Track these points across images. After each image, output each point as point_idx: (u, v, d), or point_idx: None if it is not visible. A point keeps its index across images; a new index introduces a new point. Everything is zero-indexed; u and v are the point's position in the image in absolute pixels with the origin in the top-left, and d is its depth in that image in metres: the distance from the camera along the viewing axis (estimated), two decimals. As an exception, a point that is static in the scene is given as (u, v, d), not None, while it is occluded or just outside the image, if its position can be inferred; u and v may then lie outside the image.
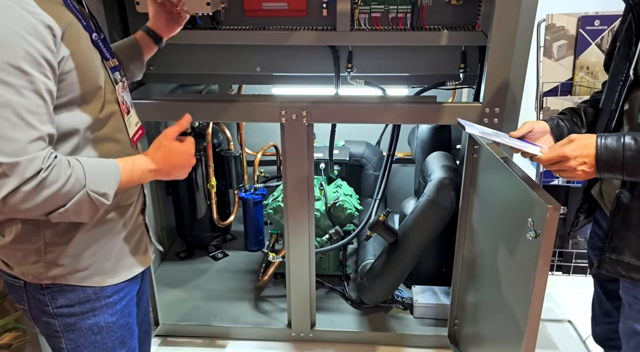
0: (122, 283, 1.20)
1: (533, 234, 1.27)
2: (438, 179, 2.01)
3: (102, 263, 1.15)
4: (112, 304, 1.18)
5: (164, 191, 2.75)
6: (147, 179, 1.11)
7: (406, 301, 2.31)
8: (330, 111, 1.87)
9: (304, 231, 2.04)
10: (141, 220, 1.28)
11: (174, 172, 1.13)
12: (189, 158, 1.15)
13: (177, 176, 1.15)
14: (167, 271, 2.67)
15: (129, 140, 1.17)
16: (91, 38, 1.07)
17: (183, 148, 1.14)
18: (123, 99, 1.17)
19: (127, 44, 1.44)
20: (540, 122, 1.42)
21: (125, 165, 1.06)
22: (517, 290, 1.44)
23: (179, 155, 1.13)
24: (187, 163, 1.15)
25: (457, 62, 1.95)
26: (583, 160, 1.13)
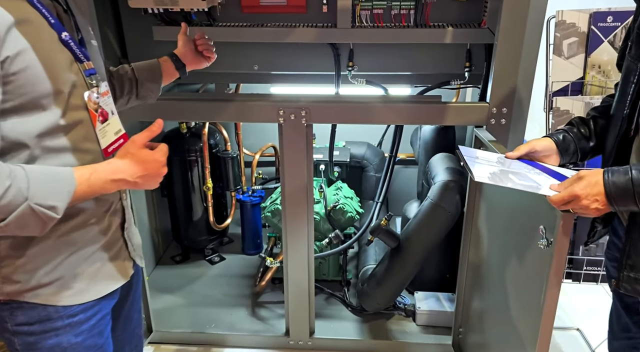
0: (91, 302, 1.10)
1: (545, 243, 1.20)
2: (442, 182, 1.94)
3: (66, 280, 1.06)
4: (77, 324, 1.09)
5: (159, 192, 2.67)
6: (109, 189, 1.01)
7: (409, 307, 2.24)
8: (329, 111, 1.80)
9: (302, 235, 1.97)
10: (119, 234, 1.18)
11: (142, 182, 1.03)
12: (159, 167, 1.04)
13: (147, 186, 1.05)
14: (162, 276, 2.60)
15: (101, 151, 1.08)
16: (60, 37, 0.98)
17: (152, 156, 1.03)
18: (97, 105, 1.08)
19: (149, 64, 1.42)
20: (543, 140, 1.34)
21: (82, 174, 0.96)
22: (526, 300, 1.37)
23: (147, 164, 1.02)
24: (157, 173, 1.05)
25: (462, 61, 1.88)
26: (595, 198, 1.08)
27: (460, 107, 1.74)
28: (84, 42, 1.10)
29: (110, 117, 1.13)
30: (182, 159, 2.49)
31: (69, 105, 0.99)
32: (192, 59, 1.50)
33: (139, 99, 1.43)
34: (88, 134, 1.05)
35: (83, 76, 1.05)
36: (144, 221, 2.55)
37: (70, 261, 1.06)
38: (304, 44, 1.89)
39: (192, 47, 1.50)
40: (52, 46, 0.96)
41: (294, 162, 1.86)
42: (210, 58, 1.55)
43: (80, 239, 1.07)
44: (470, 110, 1.72)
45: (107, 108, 1.12)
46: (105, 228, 1.13)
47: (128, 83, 1.38)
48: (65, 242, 1.05)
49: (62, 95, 0.97)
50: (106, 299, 1.15)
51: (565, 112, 1.71)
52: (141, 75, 1.38)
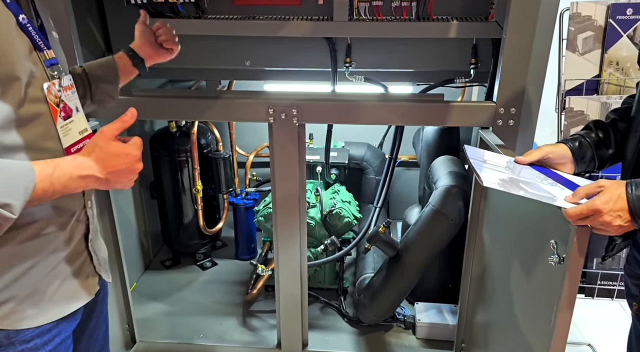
0: (49, 324, 0.99)
1: (556, 259, 1.08)
2: (444, 187, 1.81)
3: (19, 300, 0.94)
4: (32, 350, 0.96)
5: (148, 194, 2.56)
6: (75, 187, 0.89)
7: (408, 319, 2.11)
8: (324, 110, 1.68)
9: (294, 242, 1.85)
10: (83, 247, 1.06)
11: (114, 179, 0.92)
12: (132, 162, 0.93)
13: (120, 184, 0.94)
14: (150, 281, 2.49)
15: (62, 151, 0.97)
16: (17, 20, 0.87)
17: (124, 149, 0.92)
18: (59, 99, 0.97)
19: (102, 63, 1.28)
20: (558, 146, 1.22)
21: (44, 169, 0.84)
22: (536, 318, 1.24)
23: (118, 159, 0.91)
24: (130, 168, 0.93)
25: (467, 57, 1.78)
26: (617, 213, 0.95)
27: (464, 106, 1.61)
28: (44, 30, 0.98)
29: (74, 114, 1.02)
30: (172, 159, 2.38)
31: (27, 96, 0.88)
32: (151, 52, 1.35)
33: (95, 103, 1.27)
34: (48, 132, 0.94)
35: (43, 66, 0.94)
36: (132, 224, 2.44)
37: (24, 277, 0.94)
38: (298, 38, 1.78)
39: (150, 38, 1.35)
40: (8, 29, 0.85)
41: (285, 164, 1.74)
42: (173, 50, 1.40)
43: (35, 252, 0.95)
44: (475, 110, 1.60)
45: (71, 104, 1.01)
46: (66, 239, 1.01)
47: (81, 86, 1.23)
48: (17, 255, 0.92)
49: (18, 84, 0.86)
50: (66, 321, 1.03)
51: (579, 112, 1.58)
52: (94, 77, 1.23)
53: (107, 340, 1.29)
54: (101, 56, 1.91)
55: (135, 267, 2.49)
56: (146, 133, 2.51)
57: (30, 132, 0.90)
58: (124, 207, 2.35)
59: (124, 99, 1.73)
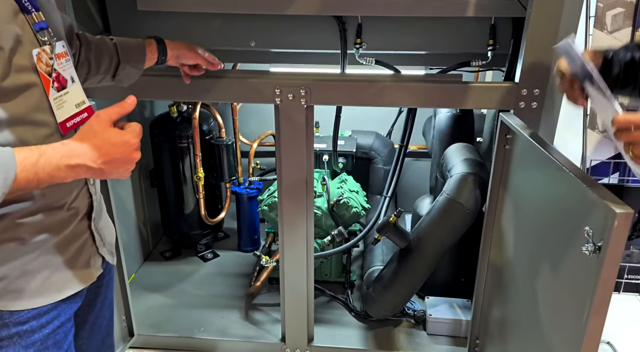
0: (46, 306, 0.92)
1: (591, 248, 0.98)
2: (460, 175, 1.71)
3: (12, 279, 0.87)
4: (27, 333, 0.90)
5: (148, 182, 2.47)
6: (64, 177, 0.80)
7: (418, 314, 2.02)
8: (333, 91, 1.58)
9: (301, 232, 1.76)
10: (85, 226, 1.00)
11: (108, 169, 0.82)
12: (129, 151, 0.83)
13: (115, 174, 0.85)
14: (150, 273, 2.40)
15: (57, 125, 0.89)
16: None
17: (121, 137, 0.83)
18: (51, 68, 0.88)
19: (134, 44, 1.28)
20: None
21: (27, 157, 0.76)
22: (563, 313, 1.15)
23: (114, 147, 0.82)
24: (127, 158, 0.84)
25: (484, 38, 1.68)
26: None
27: (484, 87, 1.51)
28: None
29: (69, 85, 0.93)
30: (173, 146, 2.29)
31: (12, 65, 0.80)
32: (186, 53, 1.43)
33: (114, 81, 1.27)
34: (39, 104, 0.86)
35: (32, 30, 0.85)
36: (130, 213, 2.35)
37: (19, 256, 0.87)
38: (306, 17, 1.68)
39: (196, 54, 1.44)
40: None
41: (292, 149, 1.64)
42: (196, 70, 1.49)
43: (32, 230, 0.88)
44: (496, 91, 1.50)
45: (65, 73, 0.92)
46: (66, 217, 0.94)
47: (107, 60, 1.21)
48: (13, 235, 0.86)
49: (2, 53, 0.77)
50: (66, 303, 0.96)
51: (607, 95, 1.47)
52: (125, 57, 1.22)
53: (112, 327, 1.23)
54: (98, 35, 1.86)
55: (134, 257, 2.41)
56: (146, 118, 2.42)
57: (19, 106, 0.82)
58: (123, 195, 2.27)
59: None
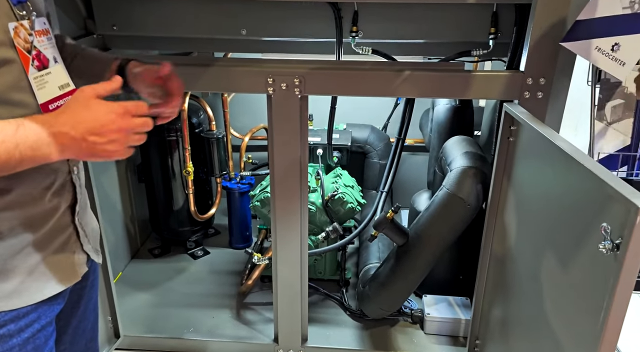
0: (25, 307, 0.85)
1: (609, 245, 0.92)
2: (461, 168, 1.64)
3: None
4: (4, 337, 0.84)
5: (135, 177, 2.38)
6: (48, 152, 0.73)
7: (416, 313, 1.95)
8: (329, 80, 1.50)
9: (294, 228, 1.69)
10: (69, 220, 0.93)
11: (94, 140, 0.74)
12: (114, 121, 0.75)
13: (104, 151, 0.76)
14: (137, 271, 2.31)
15: (37, 107, 0.83)
16: None
17: (107, 107, 0.75)
18: (30, 45, 0.81)
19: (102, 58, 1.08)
20: None
21: (5, 127, 0.70)
22: (573, 314, 1.09)
23: (99, 114, 0.74)
24: (118, 127, 0.75)
25: (485, 27, 1.61)
26: None
27: (488, 76, 1.44)
28: None
29: (51, 65, 0.87)
30: (161, 139, 2.19)
31: None
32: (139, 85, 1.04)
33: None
34: (18, 82, 0.80)
35: (9, 4, 0.78)
36: (117, 209, 2.26)
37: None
38: (299, 3, 1.61)
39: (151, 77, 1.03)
40: None
41: (285, 141, 1.57)
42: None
43: (9, 223, 0.81)
44: (500, 80, 1.43)
45: (47, 52, 0.86)
46: (48, 210, 0.87)
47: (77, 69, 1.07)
48: None
49: None
50: (47, 305, 0.90)
51: (615, 84, 1.41)
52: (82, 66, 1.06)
53: (96, 332, 1.16)
54: (82, 24, 1.76)
55: (121, 255, 2.32)
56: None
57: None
58: (109, 190, 2.17)
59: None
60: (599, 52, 1.22)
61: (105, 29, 1.75)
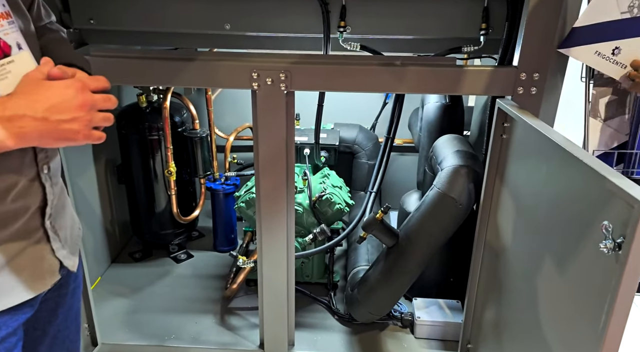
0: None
1: (610, 244, 0.87)
2: (452, 168, 1.60)
3: None
4: None
5: (115, 178, 2.29)
6: (5, 138, 0.66)
7: (406, 317, 1.90)
8: (317, 75, 1.45)
9: (281, 230, 1.63)
10: (38, 223, 0.87)
11: (55, 118, 0.68)
12: (79, 95, 0.70)
13: (71, 131, 0.70)
14: (117, 276, 2.23)
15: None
16: None
17: (66, 81, 0.71)
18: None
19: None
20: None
21: None
22: (571, 317, 1.05)
23: (52, 90, 0.69)
24: (79, 102, 0.70)
25: (476, 22, 1.57)
26: None
27: (481, 71, 1.40)
28: None
29: (14, 53, 0.78)
30: (142, 138, 2.12)
31: None
32: None
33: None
34: None
35: None
36: (96, 212, 2.17)
37: None
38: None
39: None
40: None
41: (271, 139, 1.51)
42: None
43: None
44: (493, 75, 1.39)
45: (8, 38, 0.77)
46: (12, 211, 0.80)
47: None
48: None
49: None
50: (10, 314, 0.83)
51: (610, 80, 1.37)
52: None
53: (78, 342, 1.08)
54: (58, 16, 1.68)
55: (101, 259, 2.23)
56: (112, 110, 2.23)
57: None
58: (87, 192, 2.09)
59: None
60: (600, 57, 1.26)
61: (81, 23, 1.67)
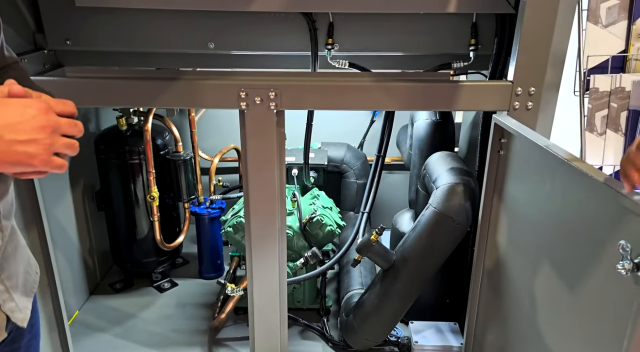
0: None
1: (628, 265, 0.83)
2: (447, 186, 1.55)
3: None
4: None
5: (94, 205, 2.18)
6: None
7: (403, 341, 1.83)
8: (308, 93, 1.40)
9: (271, 255, 1.56)
10: None
11: (8, 138, 0.60)
12: (41, 116, 0.62)
13: (25, 154, 0.61)
14: (96, 308, 2.10)
15: None
16: None
17: (28, 101, 0.63)
18: None
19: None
20: None
21: None
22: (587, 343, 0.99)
23: (18, 109, 0.61)
24: (39, 124, 0.62)
25: (465, 38, 1.57)
26: None
27: (476, 86, 1.37)
28: None
29: None
30: (122, 163, 2.03)
31: None
32: None
33: None
34: None
35: None
36: (72, 241, 2.06)
37: None
38: (272, 14, 1.53)
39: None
40: None
41: (260, 161, 1.44)
42: None
43: None
44: (489, 90, 1.36)
45: None
46: None
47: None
48: None
49: None
50: None
51: (604, 93, 1.36)
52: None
53: None
54: (30, 38, 1.61)
55: (78, 292, 2.10)
56: (91, 133, 2.14)
57: None
58: (62, 220, 1.97)
59: (55, 81, 1.41)
60: None
61: (57, 44, 1.61)
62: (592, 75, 1.43)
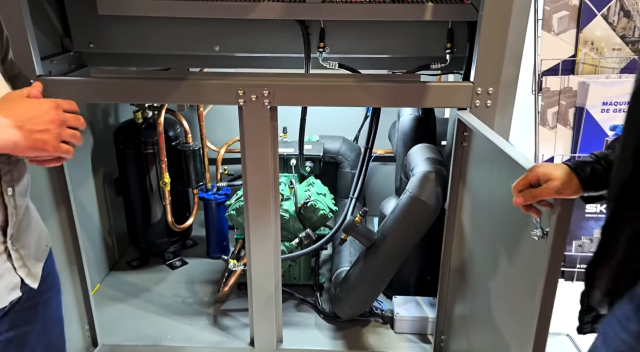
0: None
1: (539, 233, 1.03)
2: (422, 173, 1.75)
3: None
4: None
5: (113, 190, 2.43)
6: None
7: (386, 313, 2.04)
8: (297, 92, 1.61)
9: (268, 235, 1.77)
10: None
11: (29, 127, 0.78)
12: (52, 111, 0.81)
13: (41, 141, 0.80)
14: (115, 282, 2.35)
15: None
16: None
17: (41, 100, 0.82)
18: None
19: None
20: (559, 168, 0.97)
21: None
22: (518, 301, 1.19)
23: (34, 106, 0.80)
24: (51, 117, 0.80)
25: (443, 42, 1.74)
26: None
27: (441, 86, 1.56)
28: None
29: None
30: (138, 153, 2.26)
31: None
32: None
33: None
34: None
35: None
36: (95, 222, 2.30)
37: None
38: (270, 21, 1.72)
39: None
40: None
41: (256, 150, 1.66)
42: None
43: None
44: (452, 90, 1.55)
45: None
46: None
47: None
48: None
49: None
50: None
51: (555, 93, 1.55)
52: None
53: (63, 345, 1.14)
54: (59, 42, 1.83)
55: (100, 267, 2.35)
56: (110, 126, 2.39)
57: None
58: (86, 204, 2.22)
59: (80, 81, 1.63)
60: None
61: (82, 47, 1.81)
62: (544, 76, 1.62)
